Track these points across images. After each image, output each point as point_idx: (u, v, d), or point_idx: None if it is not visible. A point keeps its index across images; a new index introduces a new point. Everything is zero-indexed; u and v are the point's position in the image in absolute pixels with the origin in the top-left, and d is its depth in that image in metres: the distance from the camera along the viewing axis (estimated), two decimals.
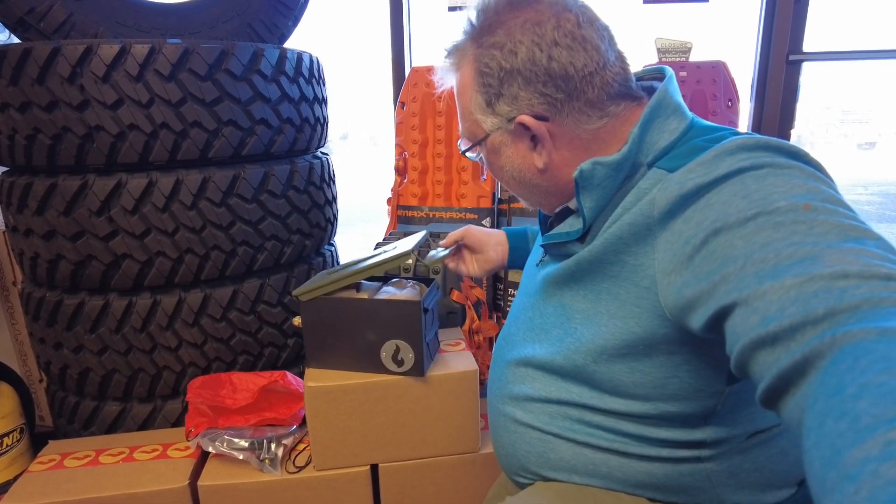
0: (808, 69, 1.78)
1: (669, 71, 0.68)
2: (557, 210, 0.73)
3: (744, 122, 1.79)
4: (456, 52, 0.70)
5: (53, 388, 1.35)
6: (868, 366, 0.31)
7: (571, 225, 0.67)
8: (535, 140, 0.66)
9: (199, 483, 1.07)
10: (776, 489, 0.65)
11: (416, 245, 1.01)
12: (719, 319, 0.47)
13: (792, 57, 1.74)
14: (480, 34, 0.65)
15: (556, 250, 0.71)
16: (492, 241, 1.02)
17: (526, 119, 0.64)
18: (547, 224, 0.78)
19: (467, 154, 0.75)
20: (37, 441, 1.33)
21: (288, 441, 1.13)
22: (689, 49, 1.69)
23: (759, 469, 0.64)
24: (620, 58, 0.65)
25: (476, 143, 0.72)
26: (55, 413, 1.35)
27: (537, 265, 0.76)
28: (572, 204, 0.69)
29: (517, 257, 1.01)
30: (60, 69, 1.05)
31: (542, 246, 0.74)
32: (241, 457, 1.09)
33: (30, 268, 1.22)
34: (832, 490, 0.28)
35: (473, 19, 0.67)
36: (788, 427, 0.37)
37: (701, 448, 0.63)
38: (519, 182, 0.72)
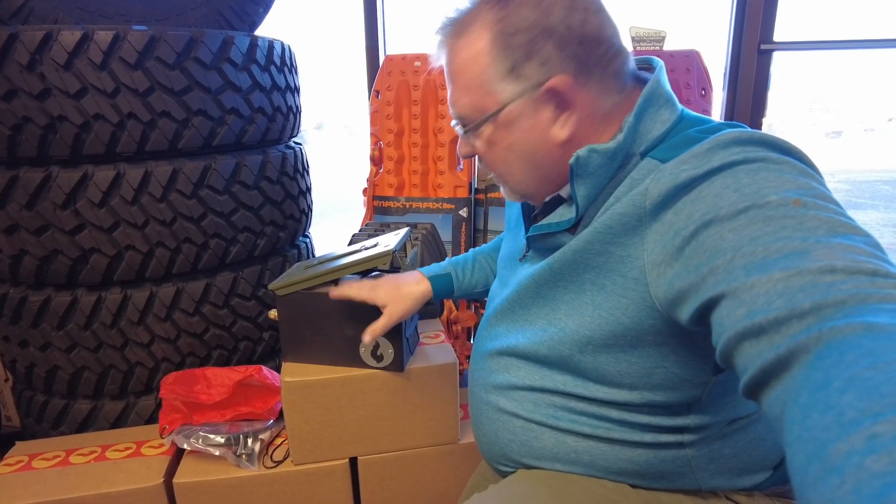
0: (778, 58, 1.81)
1: (659, 62, 0.67)
2: (547, 199, 0.71)
3: (717, 111, 1.81)
4: (459, 23, 0.64)
5: (20, 387, 1.31)
6: (854, 361, 0.31)
7: (562, 215, 0.66)
8: (561, 107, 0.62)
9: (175, 481, 1.05)
10: (753, 473, 0.67)
11: (397, 244, 1.00)
12: (707, 311, 0.47)
13: (763, 46, 1.76)
14: None
15: (542, 242, 0.69)
16: (392, 295, 0.93)
17: (560, 82, 0.60)
18: (531, 217, 0.77)
19: (468, 132, 0.68)
20: (3, 442, 1.30)
21: (265, 436, 1.11)
22: (663, 38, 1.70)
23: (738, 454, 0.65)
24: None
25: (486, 118, 0.65)
26: (22, 412, 1.31)
27: (520, 259, 0.75)
28: (564, 192, 0.68)
29: (442, 290, 0.97)
30: (18, 56, 1.00)
31: (527, 238, 0.72)
32: (217, 453, 1.07)
33: None
34: (815, 483, 0.28)
35: None
36: (769, 419, 0.38)
37: (683, 433, 0.64)
38: (526, 161, 0.66)
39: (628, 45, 1.67)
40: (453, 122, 0.71)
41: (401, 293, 0.93)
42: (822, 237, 0.41)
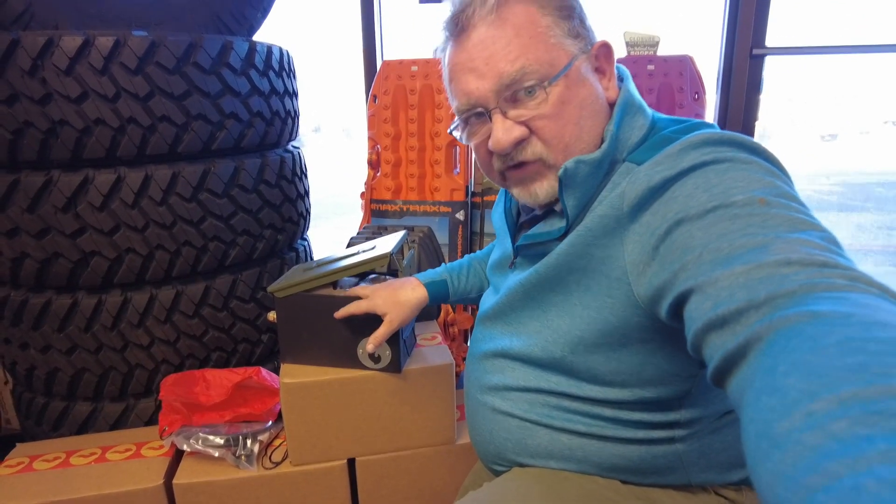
0: (772, 62, 1.83)
1: (626, 71, 0.72)
2: (539, 212, 0.73)
3: (710, 115, 1.84)
4: (492, 1, 0.63)
5: (20, 390, 1.32)
6: (797, 346, 0.34)
7: (552, 224, 0.69)
8: (599, 72, 0.68)
9: (175, 482, 1.06)
10: (742, 468, 0.68)
11: (395, 247, 1.02)
12: (680, 306, 0.50)
13: (755, 51, 1.79)
14: None
15: (531, 250, 0.71)
16: (390, 303, 0.95)
17: (605, 41, 0.67)
18: (517, 226, 0.79)
19: (550, 88, 0.63)
20: (3, 444, 1.30)
21: (264, 437, 1.13)
22: (657, 43, 1.72)
23: (728, 448, 0.67)
24: None
25: (562, 70, 0.63)
26: (22, 415, 1.32)
27: (510, 266, 0.77)
28: (558, 207, 0.69)
29: (438, 295, 0.98)
30: (20, 62, 1.01)
31: (516, 247, 0.74)
32: (216, 454, 1.08)
33: None
34: (764, 459, 0.30)
35: None
36: (734, 405, 0.40)
37: (675, 428, 0.66)
38: (594, 118, 0.66)
39: (622, 50, 1.70)
40: (484, 106, 0.65)
41: (399, 300, 0.95)
42: (782, 233, 0.44)
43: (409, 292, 0.96)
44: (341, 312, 0.97)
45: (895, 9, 1.92)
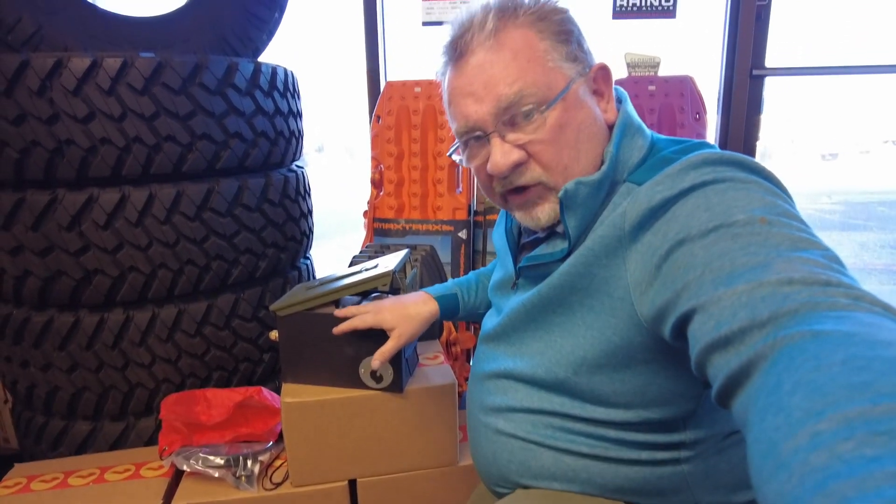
0: (772, 83, 1.85)
1: (624, 92, 0.72)
2: (542, 234, 0.73)
3: (711, 135, 1.85)
4: (491, 26, 0.64)
5: (19, 409, 1.31)
6: (801, 364, 0.34)
7: (555, 245, 0.69)
8: (597, 95, 0.69)
9: (174, 503, 1.04)
10: (748, 489, 0.67)
11: (397, 265, 1.02)
12: (683, 325, 0.50)
13: (755, 72, 1.80)
14: (537, 9, 0.65)
15: (533, 272, 0.71)
16: (399, 316, 0.93)
17: (603, 65, 0.68)
18: (519, 246, 0.79)
19: (547, 112, 0.63)
20: (2, 464, 1.29)
21: (264, 457, 1.11)
22: (658, 63, 1.74)
23: (734, 469, 0.66)
24: None
25: (560, 94, 0.63)
26: (21, 434, 1.31)
27: (511, 287, 0.77)
28: (559, 228, 0.70)
29: (448, 310, 0.97)
30: (29, 82, 1.03)
31: (518, 268, 0.74)
32: (216, 474, 1.07)
33: None
34: (769, 479, 0.30)
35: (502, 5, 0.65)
36: (739, 425, 0.39)
37: (679, 449, 0.65)
38: (591, 141, 0.66)
39: (623, 71, 1.72)
40: (467, 136, 0.68)
41: (408, 314, 0.93)
42: (783, 251, 0.44)
43: (420, 306, 0.94)
44: (343, 327, 0.95)
45: (894, 29, 1.94)
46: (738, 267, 0.44)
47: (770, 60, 1.82)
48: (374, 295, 1.10)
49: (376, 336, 0.95)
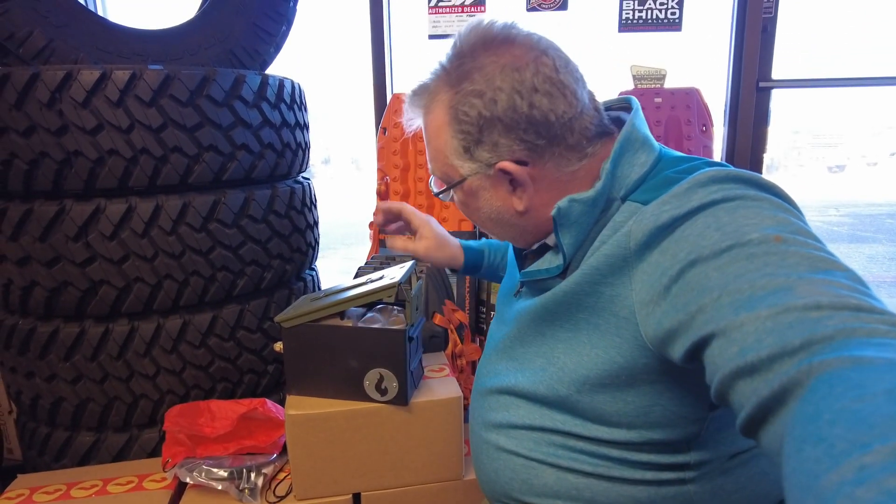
0: (779, 95, 1.84)
1: (636, 102, 0.69)
2: (535, 247, 0.73)
3: (718, 147, 1.84)
4: (426, 94, 0.69)
5: (24, 419, 1.31)
6: (842, 393, 0.32)
7: (551, 261, 0.68)
8: (514, 184, 0.66)
9: None
10: None
11: (402, 276, 1.01)
12: (698, 350, 0.48)
13: (762, 84, 1.80)
14: (458, 80, 0.63)
15: (534, 284, 0.71)
16: (433, 228, 0.99)
17: (507, 165, 0.64)
18: (523, 256, 0.79)
19: (440, 196, 0.74)
20: (4, 475, 1.29)
21: (268, 470, 1.11)
22: (664, 76, 1.74)
23: (741, 489, 0.65)
24: (592, 98, 0.67)
25: (451, 185, 0.71)
26: (25, 445, 1.31)
27: (515, 295, 0.76)
28: (550, 240, 0.69)
29: (470, 266, 1.04)
30: (39, 95, 1.04)
31: (520, 280, 0.74)
32: (219, 487, 1.06)
33: (2, 294, 1.19)
34: None
35: (447, 63, 0.65)
36: (768, 454, 0.38)
37: (684, 470, 0.64)
38: (496, 222, 0.72)
39: (629, 83, 1.72)
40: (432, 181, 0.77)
41: (439, 242, 0.98)
42: (804, 273, 0.42)
43: (452, 246, 1.01)
44: (384, 205, 1.00)
45: None
46: (757, 290, 0.43)
47: (776, 72, 1.81)
48: (379, 306, 1.09)
49: (382, 349, 0.95)
